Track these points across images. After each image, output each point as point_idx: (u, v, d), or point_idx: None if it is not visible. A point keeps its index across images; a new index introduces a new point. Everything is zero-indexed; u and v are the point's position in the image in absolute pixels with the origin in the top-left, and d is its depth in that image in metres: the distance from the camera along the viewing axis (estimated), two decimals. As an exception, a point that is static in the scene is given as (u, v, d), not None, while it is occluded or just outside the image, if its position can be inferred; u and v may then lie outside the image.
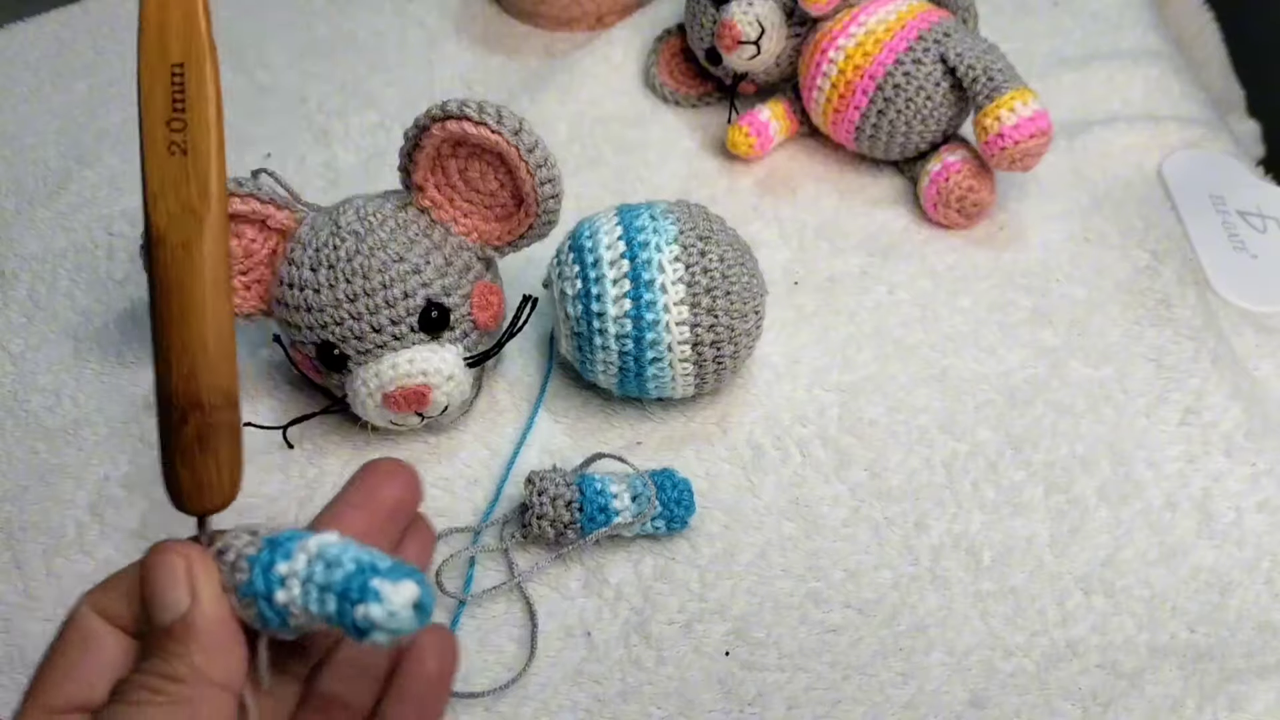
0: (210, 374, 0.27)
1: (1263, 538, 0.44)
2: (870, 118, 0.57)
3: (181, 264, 0.27)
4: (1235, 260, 0.57)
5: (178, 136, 0.27)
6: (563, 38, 0.72)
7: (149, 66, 0.27)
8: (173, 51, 0.27)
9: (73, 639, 0.28)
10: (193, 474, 0.28)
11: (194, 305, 0.27)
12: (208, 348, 0.27)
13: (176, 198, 0.27)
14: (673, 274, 0.45)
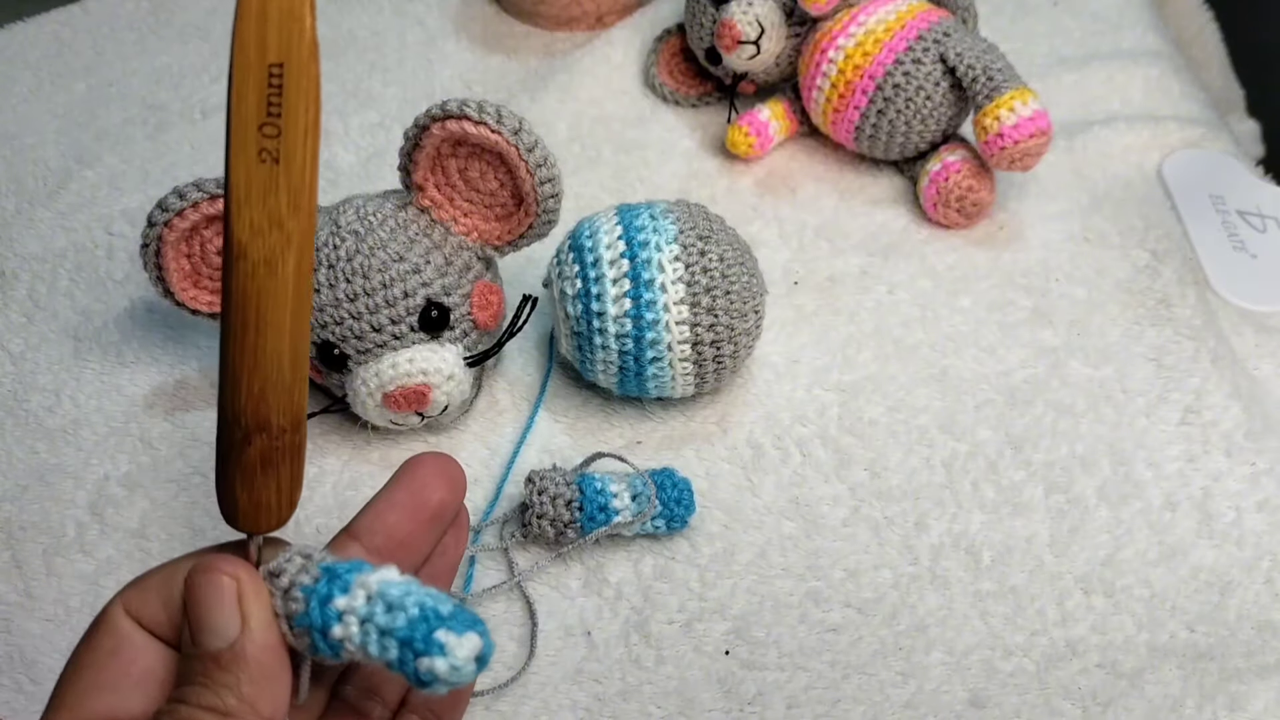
0: (282, 396, 0.26)
1: (1262, 537, 0.44)
2: (870, 118, 0.57)
3: (263, 282, 0.25)
4: (1235, 260, 0.57)
5: (270, 143, 0.24)
6: (563, 37, 0.72)
7: (244, 63, 0.24)
8: (271, 49, 0.24)
9: (103, 644, 0.26)
10: (251, 495, 0.27)
11: (272, 325, 0.26)
12: (283, 369, 0.26)
13: (264, 209, 0.25)
14: (673, 274, 0.45)
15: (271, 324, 0.26)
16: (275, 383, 0.26)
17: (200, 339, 0.53)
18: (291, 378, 0.26)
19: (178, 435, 0.49)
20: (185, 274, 0.45)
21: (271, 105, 0.24)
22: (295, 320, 0.26)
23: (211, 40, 0.73)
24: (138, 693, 0.26)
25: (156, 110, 0.68)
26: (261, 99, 0.24)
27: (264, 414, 0.26)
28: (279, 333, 0.26)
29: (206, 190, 0.43)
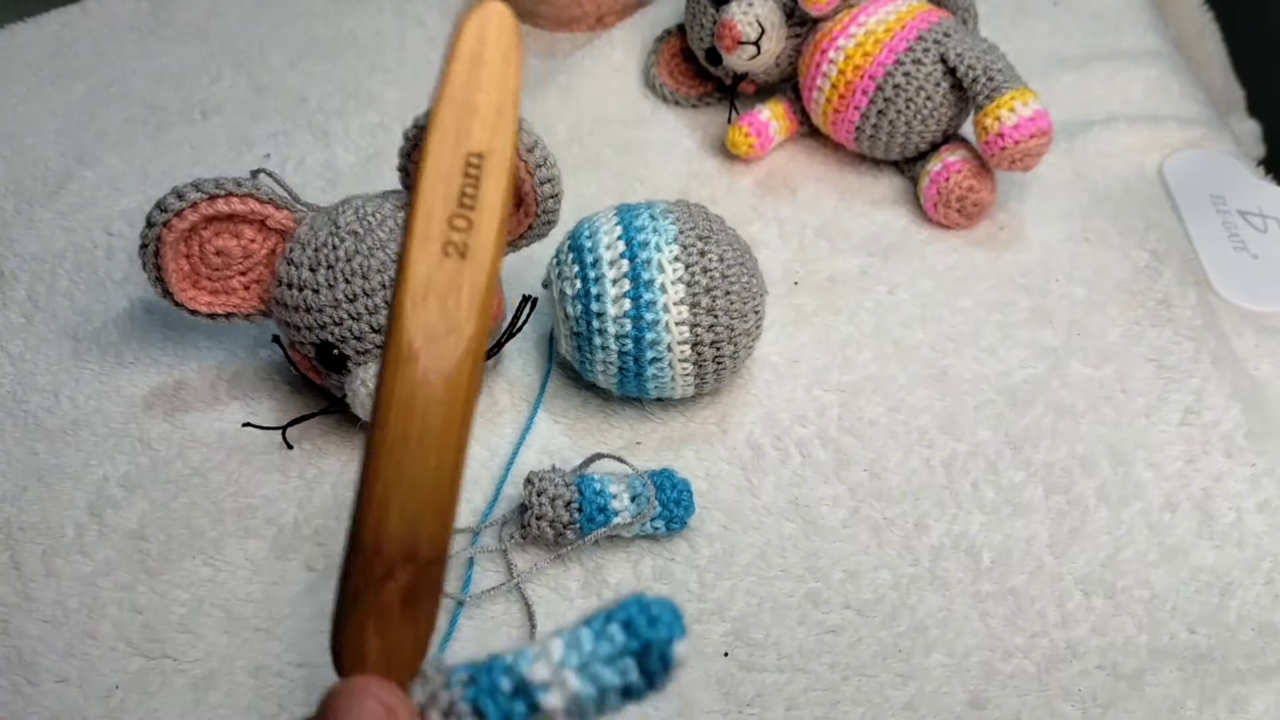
0: (436, 521, 0.22)
1: (1263, 538, 0.44)
2: (870, 118, 0.57)
3: (434, 391, 0.22)
4: (1236, 260, 0.57)
5: (458, 236, 0.22)
6: (563, 38, 0.72)
7: (441, 147, 0.22)
8: (474, 136, 0.22)
9: None
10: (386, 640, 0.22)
11: (438, 440, 0.22)
12: (441, 490, 0.22)
13: (442, 311, 0.22)
14: (672, 274, 0.44)
15: (435, 438, 0.22)
16: (431, 506, 0.22)
17: (199, 339, 0.53)
18: (449, 500, 0.23)
19: (177, 436, 0.49)
20: (184, 274, 0.45)
21: (465, 196, 0.22)
22: (460, 438, 0.22)
23: (211, 41, 0.73)
24: None
25: (156, 111, 0.68)
26: (454, 189, 0.22)
27: (413, 542, 0.22)
28: (443, 448, 0.22)
29: (205, 190, 0.43)
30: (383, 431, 0.22)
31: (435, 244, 0.22)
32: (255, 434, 0.48)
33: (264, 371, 0.52)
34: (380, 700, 0.21)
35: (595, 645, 0.21)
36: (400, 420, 0.22)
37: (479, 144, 0.22)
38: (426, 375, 0.22)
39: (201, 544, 0.45)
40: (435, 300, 0.22)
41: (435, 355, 0.22)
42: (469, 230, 0.22)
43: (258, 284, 0.46)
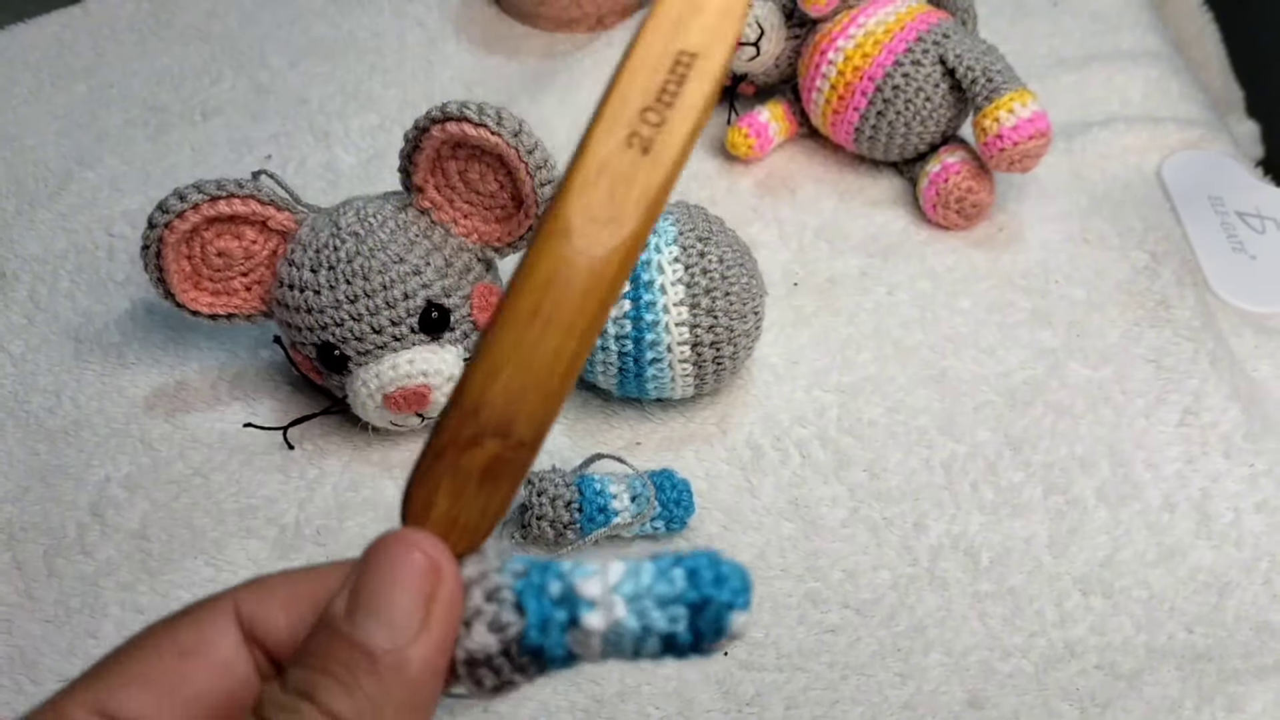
0: (539, 404, 0.22)
1: (1261, 538, 0.44)
2: (869, 119, 0.57)
3: (575, 273, 0.21)
4: (1234, 261, 0.57)
5: (646, 130, 0.21)
6: (563, 39, 0.72)
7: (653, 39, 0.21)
8: (692, 34, 0.21)
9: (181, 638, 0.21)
10: (453, 506, 0.22)
11: (564, 324, 0.21)
12: (553, 376, 0.22)
13: (610, 198, 0.21)
14: (672, 275, 0.45)
15: (563, 322, 0.21)
16: (538, 387, 0.22)
17: (200, 340, 0.53)
18: (558, 388, 0.22)
19: (178, 436, 0.49)
20: (186, 275, 0.45)
21: (665, 92, 0.21)
22: (587, 330, 0.22)
23: (212, 42, 0.73)
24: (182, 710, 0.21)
25: (157, 112, 0.68)
26: (656, 82, 0.21)
27: (510, 416, 0.22)
28: (567, 334, 0.21)
29: (207, 192, 0.43)
30: (514, 299, 0.21)
31: (622, 131, 0.21)
32: (256, 434, 0.48)
33: (265, 372, 0.52)
34: (427, 555, 0.21)
35: (654, 582, 0.21)
36: (534, 293, 0.21)
37: (695, 44, 0.21)
38: (574, 256, 0.21)
39: (203, 544, 0.45)
40: (606, 185, 0.21)
41: (588, 239, 0.21)
42: (659, 127, 0.21)
43: (259, 285, 0.46)
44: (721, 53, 0.21)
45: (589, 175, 0.21)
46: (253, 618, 0.21)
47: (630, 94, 0.21)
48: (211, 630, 0.21)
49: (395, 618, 0.20)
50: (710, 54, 0.21)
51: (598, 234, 0.21)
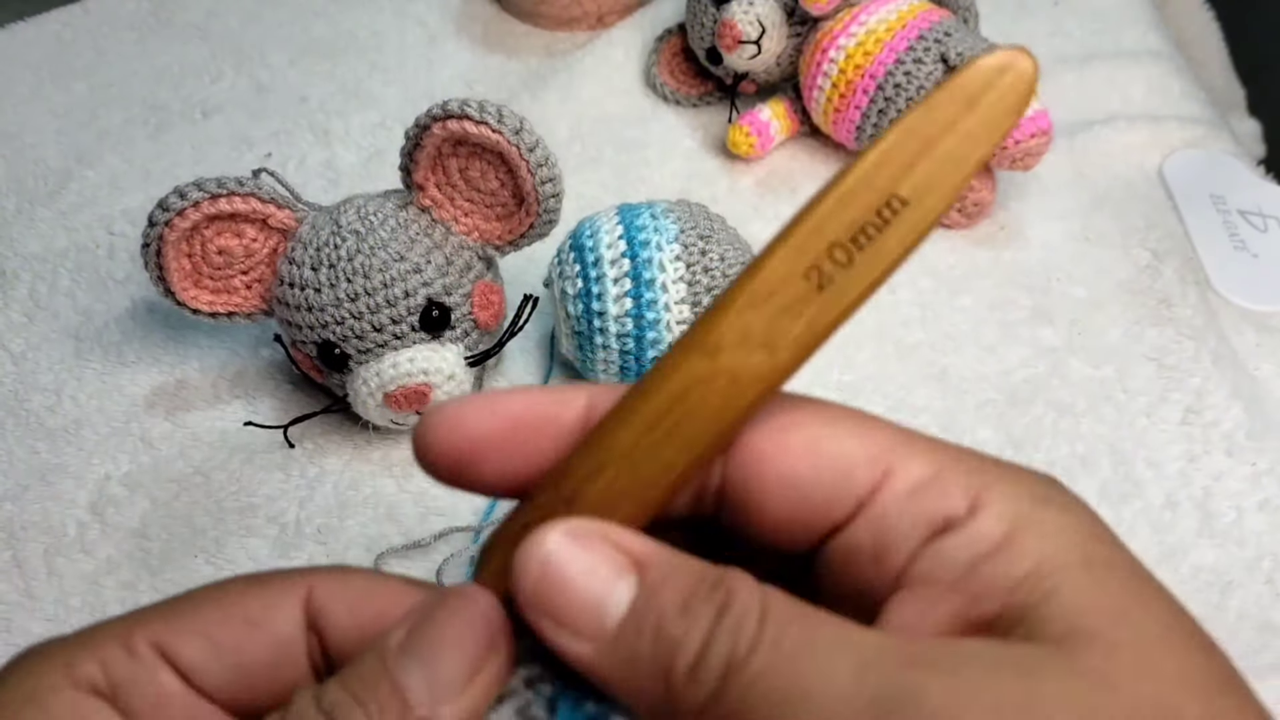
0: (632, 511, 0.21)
1: (1263, 537, 0.44)
2: (871, 117, 0.57)
3: (714, 394, 0.20)
4: (1236, 260, 0.57)
5: (830, 267, 0.20)
6: (563, 37, 0.72)
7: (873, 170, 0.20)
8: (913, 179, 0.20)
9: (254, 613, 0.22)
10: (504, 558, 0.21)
11: (685, 440, 0.20)
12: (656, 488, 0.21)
13: (768, 323, 0.20)
14: (673, 273, 0.45)
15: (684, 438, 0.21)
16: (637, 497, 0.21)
17: (201, 339, 0.53)
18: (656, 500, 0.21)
19: (179, 435, 0.49)
20: (186, 274, 0.45)
21: (864, 232, 0.20)
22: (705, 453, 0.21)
23: (212, 40, 0.73)
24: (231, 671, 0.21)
25: (157, 110, 0.68)
26: (859, 220, 0.20)
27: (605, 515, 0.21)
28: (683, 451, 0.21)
29: (207, 190, 0.43)
30: (640, 401, 0.21)
31: (805, 261, 0.20)
32: (257, 433, 0.48)
33: (265, 371, 0.52)
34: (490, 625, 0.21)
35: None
36: (664, 402, 0.20)
37: (910, 189, 0.20)
38: (716, 376, 0.20)
39: (203, 543, 0.45)
40: (770, 312, 0.20)
41: (734, 361, 0.20)
42: (844, 267, 0.20)
43: (259, 283, 0.46)
44: (936, 206, 0.20)
45: (756, 297, 0.20)
46: (321, 607, 0.22)
47: (827, 226, 0.20)
48: (280, 608, 0.22)
49: (440, 675, 0.20)
50: (923, 204, 0.20)
51: (746, 358, 0.20)
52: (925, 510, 0.20)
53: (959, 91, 0.20)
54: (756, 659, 0.18)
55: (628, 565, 0.20)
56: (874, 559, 0.21)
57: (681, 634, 0.19)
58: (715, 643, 0.19)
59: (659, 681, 0.19)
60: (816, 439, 0.21)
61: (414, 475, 0.48)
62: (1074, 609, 0.18)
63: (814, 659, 0.18)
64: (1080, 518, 0.20)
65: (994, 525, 0.20)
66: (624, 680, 0.19)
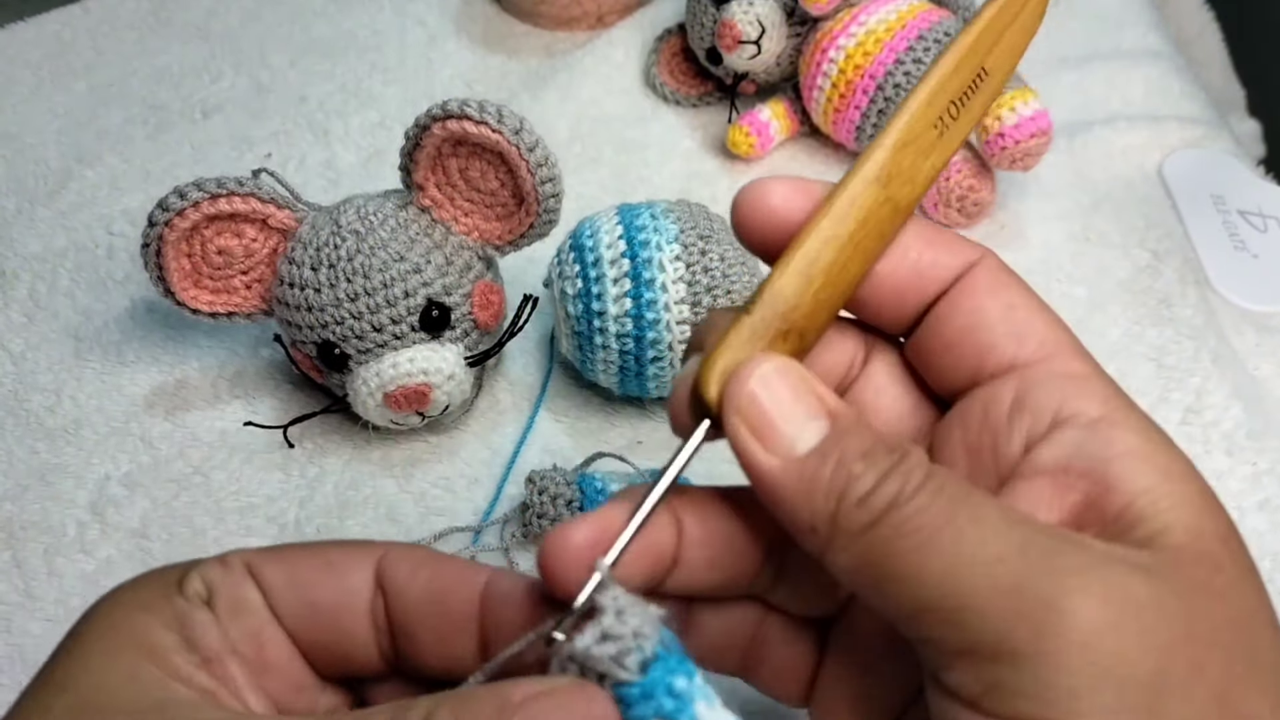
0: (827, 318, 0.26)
1: (1263, 538, 0.44)
2: (871, 117, 0.57)
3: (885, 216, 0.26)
4: (1236, 260, 0.57)
5: (948, 120, 0.26)
6: (563, 37, 0.72)
7: (974, 51, 0.27)
8: (993, 58, 0.27)
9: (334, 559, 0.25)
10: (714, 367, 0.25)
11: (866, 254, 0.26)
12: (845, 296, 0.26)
13: (912, 162, 0.26)
14: (673, 273, 0.45)
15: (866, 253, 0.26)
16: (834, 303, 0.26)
17: (200, 338, 0.53)
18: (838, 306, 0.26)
19: (178, 435, 0.49)
20: (186, 274, 0.45)
21: (965, 95, 0.27)
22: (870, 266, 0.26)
23: (211, 40, 0.73)
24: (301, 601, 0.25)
25: (157, 110, 0.68)
26: (964, 85, 0.27)
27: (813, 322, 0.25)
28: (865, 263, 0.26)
29: (207, 190, 0.43)
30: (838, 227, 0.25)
31: (935, 114, 0.26)
32: (257, 433, 0.48)
33: (265, 371, 0.52)
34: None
35: None
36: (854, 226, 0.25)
37: (991, 63, 0.27)
38: (885, 201, 0.26)
39: (203, 543, 0.45)
40: (913, 152, 0.26)
41: (896, 190, 0.26)
42: (955, 121, 0.26)
43: (259, 283, 0.46)
44: (1001, 79, 0.27)
45: (908, 139, 0.26)
46: (388, 571, 0.25)
47: (949, 88, 0.26)
48: (355, 561, 0.26)
49: None
50: (996, 77, 0.27)
51: (900, 189, 0.26)
52: (1064, 396, 0.24)
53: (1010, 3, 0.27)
54: (919, 499, 0.21)
55: (823, 411, 0.23)
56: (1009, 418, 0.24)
57: (860, 471, 0.22)
58: (888, 481, 0.21)
59: (831, 500, 0.22)
60: (1013, 304, 0.26)
61: (414, 475, 0.48)
62: (1193, 528, 0.22)
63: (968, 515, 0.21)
64: (1194, 470, 0.24)
65: (1127, 438, 0.24)
66: (797, 495, 0.22)
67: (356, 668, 0.26)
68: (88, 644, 0.24)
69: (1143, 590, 0.20)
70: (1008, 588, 0.20)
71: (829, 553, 0.22)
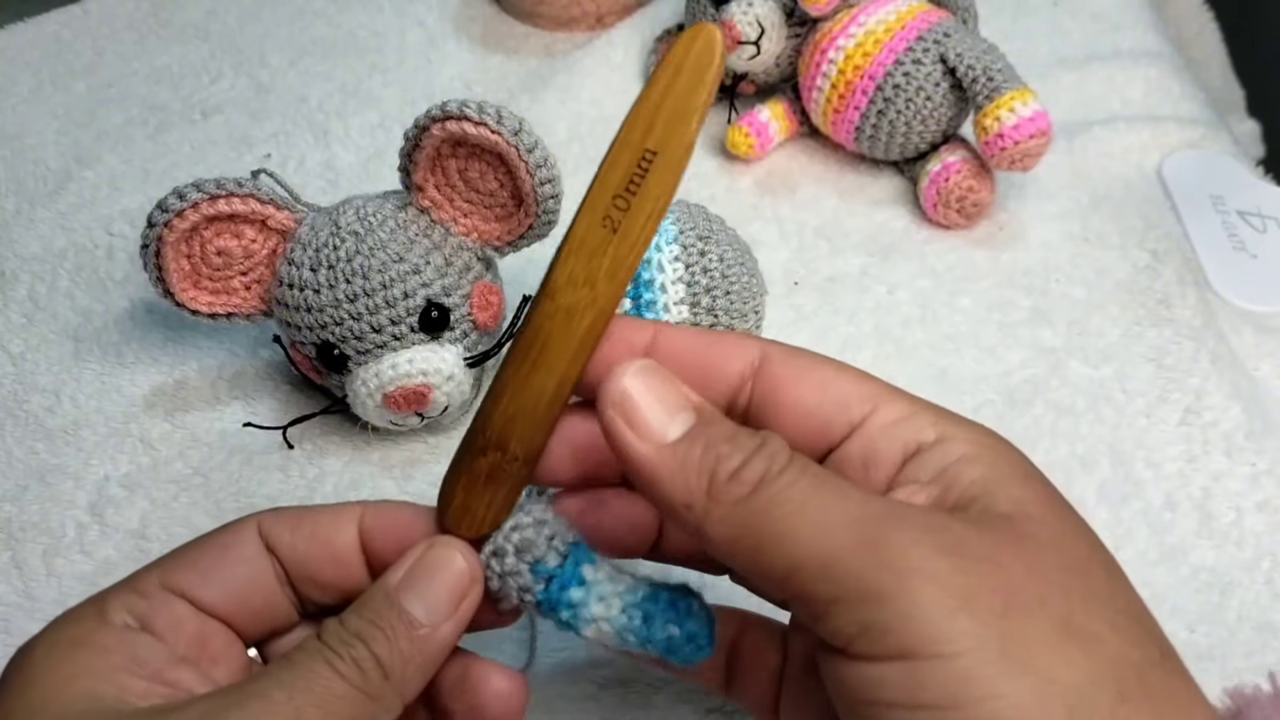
0: (527, 429, 0.28)
1: (1262, 538, 0.44)
2: (870, 118, 0.57)
3: (557, 326, 0.27)
4: (1235, 260, 0.57)
5: (616, 214, 0.27)
6: (563, 38, 0.72)
7: (628, 140, 0.27)
8: (654, 137, 0.27)
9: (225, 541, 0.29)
10: (466, 498, 0.29)
11: (548, 365, 0.27)
12: (539, 407, 0.28)
13: (585, 266, 0.27)
14: (672, 274, 0.45)
15: (547, 364, 0.27)
16: (527, 415, 0.28)
17: (200, 339, 0.53)
18: (543, 417, 0.28)
19: (178, 436, 0.49)
20: (185, 274, 0.45)
21: (632, 182, 0.26)
22: (568, 370, 0.28)
23: (211, 41, 0.73)
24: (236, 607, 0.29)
25: (157, 111, 0.68)
26: (627, 174, 0.26)
27: (505, 437, 0.28)
28: (550, 374, 0.28)
29: (206, 190, 0.43)
30: (516, 344, 0.28)
31: (599, 213, 0.27)
32: (256, 434, 0.48)
33: (265, 371, 0.52)
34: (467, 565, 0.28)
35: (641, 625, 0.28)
36: (527, 340, 0.28)
37: (655, 142, 0.27)
38: (557, 312, 0.27)
39: (202, 544, 0.45)
40: (584, 256, 0.27)
41: (568, 298, 0.27)
42: (625, 211, 0.27)
43: (258, 284, 0.46)
44: (677, 147, 0.27)
45: (574, 247, 0.27)
46: (268, 533, 0.30)
47: (608, 184, 0.27)
48: (241, 535, 0.30)
49: (434, 604, 0.27)
50: (666, 149, 0.26)
51: (575, 295, 0.27)
52: (901, 437, 0.27)
53: (668, 64, 0.27)
54: (786, 476, 0.24)
55: (689, 405, 0.26)
56: (862, 469, 0.27)
57: (728, 452, 0.25)
58: (754, 460, 0.24)
59: (704, 478, 0.25)
60: (825, 379, 0.28)
61: (413, 476, 0.48)
62: (1016, 498, 0.25)
63: (830, 489, 0.24)
64: (1019, 456, 0.27)
65: (957, 447, 0.26)
66: (672, 476, 0.25)
67: (282, 627, 0.31)
68: (32, 684, 0.26)
69: (979, 543, 0.24)
70: (870, 541, 0.23)
71: (706, 525, 0.25)
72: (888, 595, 0.22)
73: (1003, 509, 0.25)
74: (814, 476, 0.24)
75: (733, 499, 0.24)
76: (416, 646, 0.27)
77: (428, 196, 0.45)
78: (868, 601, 0.23)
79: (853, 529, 0.23)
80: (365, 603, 0.27)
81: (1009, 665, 0.22)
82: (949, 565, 0.23)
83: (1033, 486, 0.26)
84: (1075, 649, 0.23)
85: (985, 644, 0.22)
